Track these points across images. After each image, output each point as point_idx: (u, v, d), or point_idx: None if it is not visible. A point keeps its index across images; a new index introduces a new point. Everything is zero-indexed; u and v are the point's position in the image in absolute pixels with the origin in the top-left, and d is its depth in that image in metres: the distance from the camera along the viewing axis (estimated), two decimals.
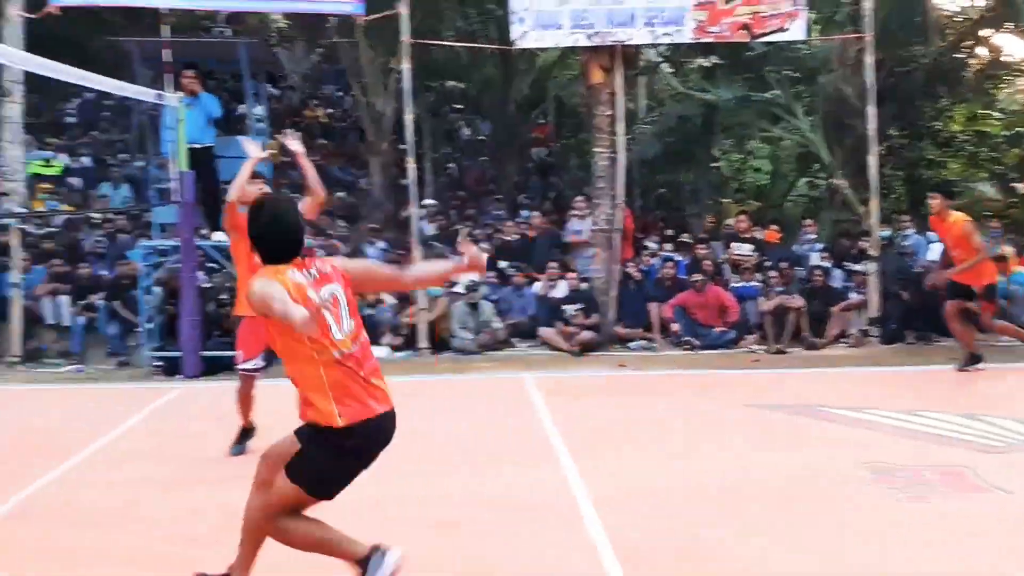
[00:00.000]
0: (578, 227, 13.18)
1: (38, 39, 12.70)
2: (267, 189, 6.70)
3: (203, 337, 11.07)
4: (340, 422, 3.82)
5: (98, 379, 11.18)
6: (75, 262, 12.64)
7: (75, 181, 15.21)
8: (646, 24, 12.21)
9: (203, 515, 5.56)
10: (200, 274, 11.47)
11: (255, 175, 6.83)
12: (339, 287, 3.99)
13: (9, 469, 6.70)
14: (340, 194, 15.50)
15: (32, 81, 13.18)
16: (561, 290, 12.61)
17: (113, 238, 13.33)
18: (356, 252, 14.14)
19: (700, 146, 17.13)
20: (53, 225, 13.66)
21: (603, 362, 11.48)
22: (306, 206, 6.61)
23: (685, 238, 13.81)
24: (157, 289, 11.85)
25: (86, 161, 15.95)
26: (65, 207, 14.20)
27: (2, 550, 5.06)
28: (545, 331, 12.24)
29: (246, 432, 6.95)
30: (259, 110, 13.22)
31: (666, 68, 18.07)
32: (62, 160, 15.70)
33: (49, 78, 9.09)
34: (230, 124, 12.26)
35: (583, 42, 12.45)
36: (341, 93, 18.94)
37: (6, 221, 12.18)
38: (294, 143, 6.89)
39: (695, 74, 17.13)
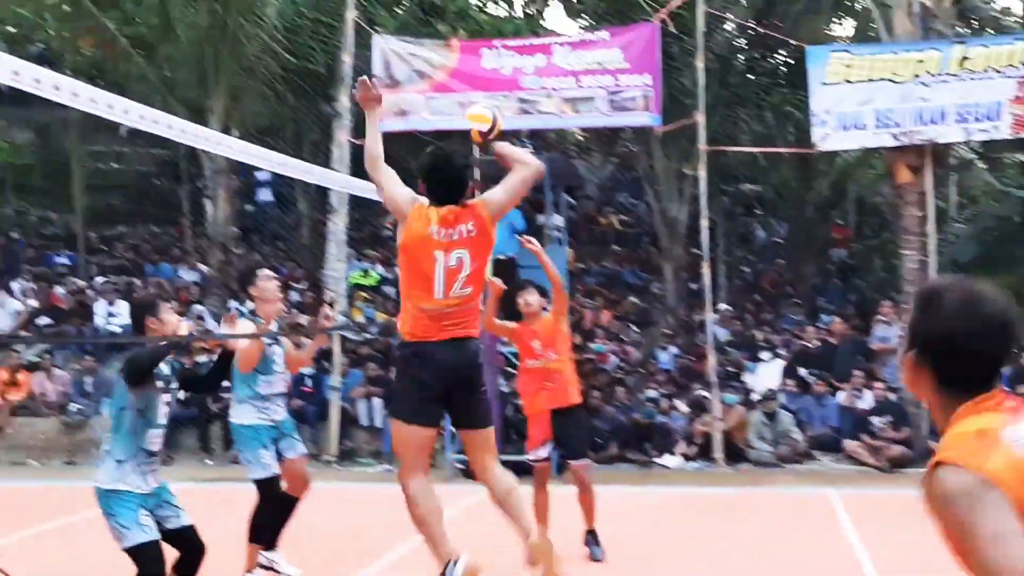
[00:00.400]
0: (885, 333, 12.48)
1: (360, 159, 13.91)
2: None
3: (503, 440, 11.37)
4: (404, 337, 4.77)
5: None
6: (389, 367, 13.47)
7: (390, 291, 16.32)
8: (958, 120, 11.55)
9: None
10: (500, 379, 11.83)
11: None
12: (467, 253, 4.63)
13: (322, 567, 7.09)
14: (632, 299, 15.60)
15: (355, 198, 14.41)
16: (867, 401, 11.92)
17: None
18: (648, 357, 14.12)
19: (1020, 247, 15.82)
20: (369, 332, 14.66)
21: (916, 480, 10.62)
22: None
23: None
24: None
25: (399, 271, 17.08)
26: (380, 315, 15.22)
27: None
28: (851, 444, 11.57)
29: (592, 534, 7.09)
30: (557, 219, 13.64)
31: (980, 164, 16.96)
32: (378, 271, 16.91)
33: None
34: (530, 234, 12.71)
35: (889, 142, 11.94)
36: (635, 200, 19.26)
37: (337, 332, 13.22)
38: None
39: (1013, 170, 15.93)
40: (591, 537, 7.11)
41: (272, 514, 6.42)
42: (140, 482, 4.75)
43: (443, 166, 4.88)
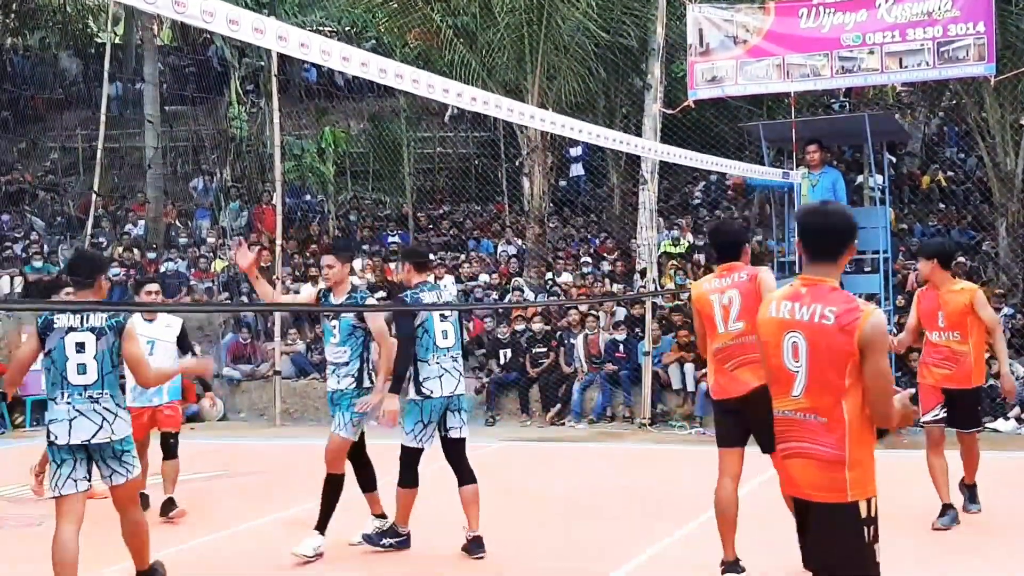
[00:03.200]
0: None
1: (668, 129, 14.01)
2: None
3: None
4: (712, 394, 5.89)
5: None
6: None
7: (700, 258, 16.31)
8: None
9: None
10: None
11: None
12: (736, 293, 5.59)
13: (642, 524, 7.32)
14: (961, 259, 14.62)
15: (664, 167, 14.54)
16: None
17: None
18: None
19: None
20: (680, 299, 14.77)
21: None
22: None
23: None
24: None
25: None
26: (691, 282, 15.28)
27: None
28: None
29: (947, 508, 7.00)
30: (878, 178, 13.08)
31: None
32: (688, 239, 16.94)
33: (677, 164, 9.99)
34: (849, 194, 12.34)
35: None
36: (963, 155, 17.96)
37: (643, 298, 13.49)
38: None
39: None
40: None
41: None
42: None
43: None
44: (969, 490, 7.27)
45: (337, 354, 6.56)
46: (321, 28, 20.10)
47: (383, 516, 6.79)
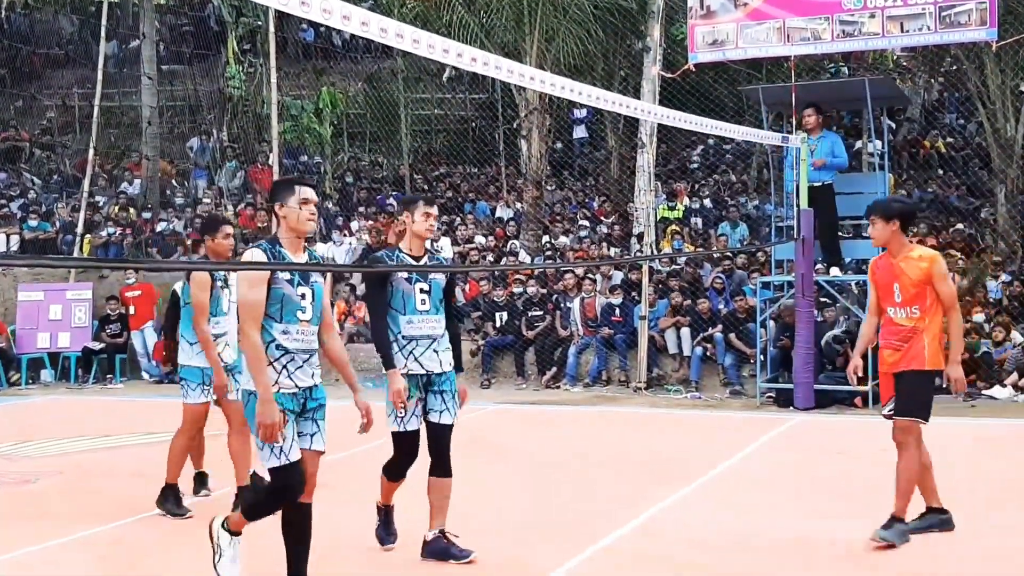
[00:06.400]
0: None
1: (667, 92, 13.93)
2: None
3: (816, 371, 11.17)
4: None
5: (713, 407, 11.80)
6: (696, 297, 13.53)
7: (697, 221, 16.28)
8: None
9: (812, 546, 5.66)
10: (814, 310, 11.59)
11: None
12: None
13: (636, 488, 7.35)
14: (959, 225, 14.60)
15: (662, 132, 14.47)
16: None
17: (730, 274, 14.04)
18: (976, 284, 13.26)
19: None
20: (677, 263, 14.78)
21: None
22: None
23: None
24: (772, 323, 12.24)
25: (707, 203, 17.00)
26: (688, 246, 15.27)
27: (632, 563, 5.57)
28: None
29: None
30: (877, 144, 13.03)
31: None
32: (684, 203, 16.88)
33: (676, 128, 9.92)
34: (849, 159, 12.28)
35: None
36: (963, 121, 17.87)
37: (640, 262, 13.48)
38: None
39: None
40: None
41: None
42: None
43: None
44: (892, 519, 5.66)
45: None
46: None
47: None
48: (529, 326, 14.20)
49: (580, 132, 20.03)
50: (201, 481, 7.33)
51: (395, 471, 5.56)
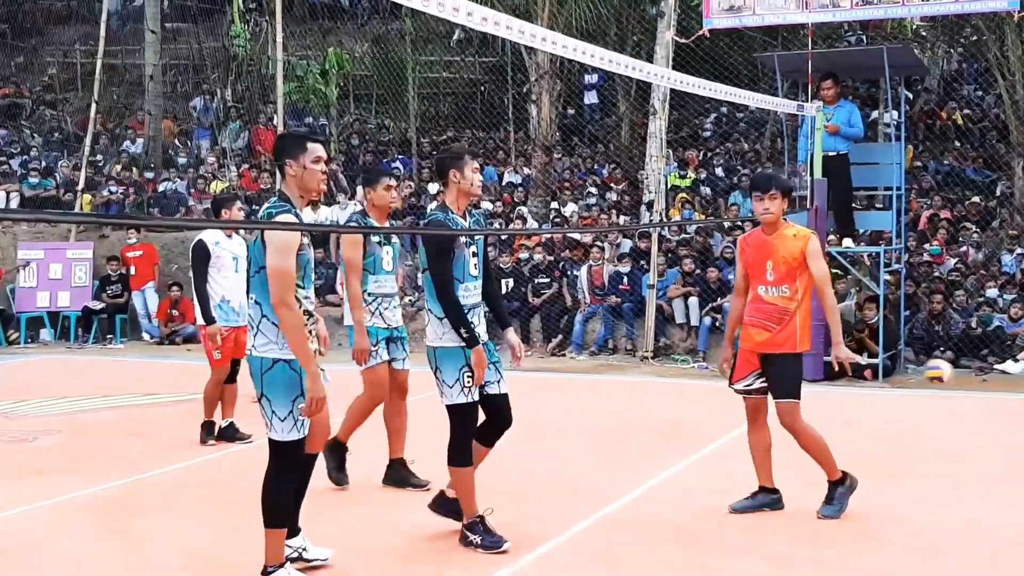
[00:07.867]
0: None
1: (681, 58, 13.65)
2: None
3: (825, 342, 10.97)
4: None
5: (720, 377, 11.62)
6: (705, 266, 13.34)
7: (707, 190, 16.05)
8: None
9: (815, 515, 5.62)
10: None
11: None
12: None
13: (640, 457, 7.23)
14: (974, 198, 14.38)
15: (675, 99, 14.19)
16: None
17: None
18: (991, 259, 13.07)
19: None
20: (686, 232, 14.57)
21: None
22: None
23: None
24: None
25: (719, 172, 16.75)
26: (698, 215, 15.06)
27: (635, 530, 5.48)
28: None
29: None
30: (893, 114, 12.78)
31: None
32: (692, 172, 16.63)
33: (688, 94, 9.69)
34: (865, 129, 12.05)
35: None
36: (982, 92, 17.57)
37: (648, 230, 13.28)
38: None
39: None
40: None
41: None
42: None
43: None
44: (830, 487, 5.71)
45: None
46: None
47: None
48: (535, 293, 14.02)
49: (591, 98, 19.72)
50: (210, 431, 7.57)
51: (485, 439, 5.55)
